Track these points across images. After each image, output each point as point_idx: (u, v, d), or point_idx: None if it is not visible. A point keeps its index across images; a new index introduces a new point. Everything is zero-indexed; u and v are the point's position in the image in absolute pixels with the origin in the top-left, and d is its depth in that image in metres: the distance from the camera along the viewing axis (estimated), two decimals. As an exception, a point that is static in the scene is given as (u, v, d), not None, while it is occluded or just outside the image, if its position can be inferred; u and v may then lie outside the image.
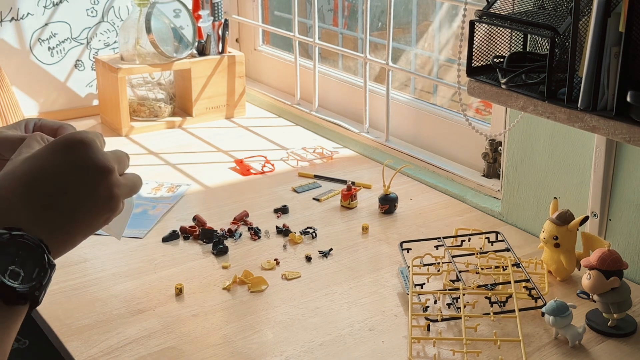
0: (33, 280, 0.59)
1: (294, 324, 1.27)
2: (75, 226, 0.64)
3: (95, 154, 0.64)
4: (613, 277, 1.22)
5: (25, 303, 0.59)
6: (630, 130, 1.09)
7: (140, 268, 1.45)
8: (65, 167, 0.63)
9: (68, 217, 0.63)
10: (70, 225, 0.63)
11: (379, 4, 2.71)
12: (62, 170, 0.63)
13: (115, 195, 0.65)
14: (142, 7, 2.16)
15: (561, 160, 1.53)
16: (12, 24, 2.20)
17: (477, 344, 1.20)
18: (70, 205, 0.63)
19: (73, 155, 0.63)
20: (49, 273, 0.60)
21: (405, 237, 1.55)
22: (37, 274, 0.59)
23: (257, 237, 1.57)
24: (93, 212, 0.64)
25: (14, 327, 0.60)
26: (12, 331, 0.60)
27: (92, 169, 0.64)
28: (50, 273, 0.61)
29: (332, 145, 2.11)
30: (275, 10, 2.83)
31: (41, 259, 0.60)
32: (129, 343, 1.22)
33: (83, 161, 0.64)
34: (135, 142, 2.14)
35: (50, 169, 0.63)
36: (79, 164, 0.63)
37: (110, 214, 0.66)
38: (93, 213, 0.64)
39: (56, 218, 0.62)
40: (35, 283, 0.59)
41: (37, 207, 0.61)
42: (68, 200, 0.63)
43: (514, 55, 1.34)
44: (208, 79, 2.27)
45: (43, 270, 0.60)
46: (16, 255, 0.59)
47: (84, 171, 0.63)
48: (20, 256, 0.59)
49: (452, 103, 2.68)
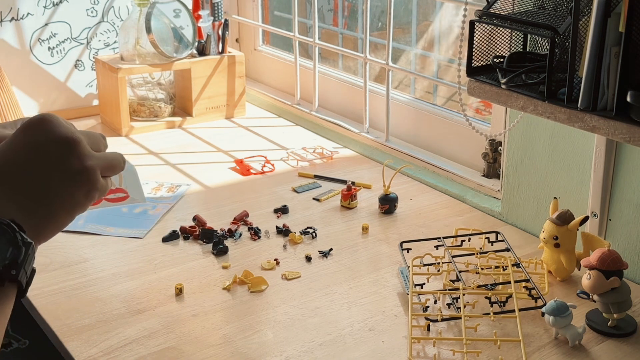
0: (7, 260, 0.58)
1: (294, 324, 1.27)
2: (52, 202, 0.63)
3: (57, 127, 0.64)
4: (613, 277, 1.22)
5: (3, 284, 0.59)
6: (630, 130, 1.09)
7: (140, 268, 1.45)
8: (30, 146, 0.63)
9: (41, 194, 0.63)
10: (45, 202, 0.63)
11: (379, 4, 2.71)
12: (27, 149, 0.63)
13: (89, 167, 0.65)
14: (142, 7, 2.16)
15: (561, 160, 1.53)
16: (12, 24, 2.20)
17: (477, 344, 1.20)
18: (41, 182, 0.63)
19: (36, 133, 0.64)
20: (25, 251, 0.60)
21: (405, 237, 1.55)
22: (10, 252, 0.59)
23: (257, 237, 1.57)
24: (67, 185, 0.64)
25: (1, 312, 0.59)
26: (1, 317, 0.59)
27: (55, 142, 0.64)
28: (27, 251, 0.60)
29: (332, 145, 2.11)
30: (275, 10, 2.83)
31: (13, 238, 0.59)
32: (129, 343, 1.22)
33: (45, 136, 0.64)
34: (135, 142, 2.14)
35: (19, 149, 0.63)
36: (42, 139, 0.63)
37: (91, 188, 0.65)
38: (67, 186, 0.64)
39: (29, 197, 0.62)
40: (9, 262, 0.59)
41: (8, 187, 0.61)
42: (39, 176, 0.63)
43: (514, 55, 1.34)
44: (208, 79, 2.27)
45: (17, 248, 0.59)
46: None
47: (47, 146, 0.63)
48: None
49: (450, 103, 2.68)
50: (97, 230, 1.58)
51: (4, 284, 0.59)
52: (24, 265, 0.60)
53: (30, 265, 0.61)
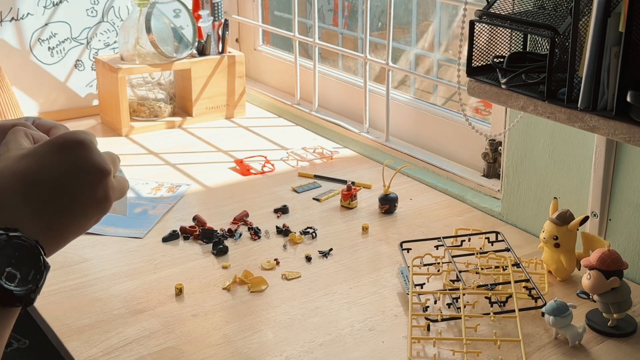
0: (29, 283, 0.59)
1: (294, 324, 1.27)
2: (70, 227, 0.64)
3: (94, 155, 0.64)
4: (613, 277, 1.22)
5: (21, 305, 0.59)
6: (630, 130, 1.09)
7: (140, 268, 1.45)
8: (66, 167, 0.63)
9: (64, 218, 0.63)
10: (65, 225, 0.63)
11: (379, 4, 2.71)
12: (63, 170, 0.63)
13: (109, 198, 0.66)
14: (142, 7, 2.16)
15: (561, 160, 1.53)
16: (12, 24, 2.20)
17: (477, 344, 1.20)
18: (68, 205, 0.63)
19: (73, 156, 0.63)
20: (44, 275, 0.60)
21: (405, 237, 1.55)
22: (32, 276, 0.59)
23: (257, 237, 1.57)
24: (87, 213, 0.64)
25: (9, 327, 0.60)
26: (7, 331, 0.60)
27: (91, 171, 0.64)
28: (45, 274, 0.60)
29: (332, 145, 2.11)
30: (275, 10, 2.83)
31: (37, 261, 0.59)
32: (129, 343, 1.22)
33: (83, 162, 0.63)
34: (135, 142, 2.14)
35: (50, 169, 0.62)
36: (79, 164, 0.63)
37: (101, 216, 0.66)
38: (87, 214, 0.64)
39: (53, 218, 0.62)
40: (32, 285, 0.59)
41: (36, 206, 0.61)
42: (66, 200, 0.62)
43: (514, 55, 1.34)
44: (208, 79, 2.27)
45: (39, 273, 0.59)
46: (13, 256, 0.58)
47: (84, 172, 0.63)
48: (17, 258, 0.58)
49: (450, 103, 2.68)
50: (97, 230, 1.58)
51: (22, 304, 0.59)
52: (41, 289, 0.61)
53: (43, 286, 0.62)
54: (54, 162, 0.63)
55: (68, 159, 0.63)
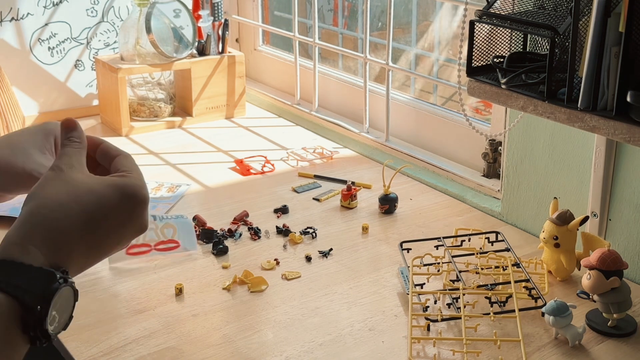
0: (63, 326, 0.61)
1: (294, 324, 1.27)
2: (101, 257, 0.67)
3: (146, 214, 0.67)
4: (613, 277, 1.22)
5: (49, 342, 0.60)
6: (630, 130, 1.09)
7: (140, 268, 1.45)
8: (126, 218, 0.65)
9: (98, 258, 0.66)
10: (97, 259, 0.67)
11: (379, 4, 2.71)
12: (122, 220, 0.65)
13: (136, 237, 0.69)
14: (142, 7, 2.16)
15: (561, 160, 1.53)
16: (12, 24, 2.20)
17: (477, 344, 1.20)
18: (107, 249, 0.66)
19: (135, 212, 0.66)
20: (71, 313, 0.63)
21: (405, 237, 1.55)
22: (66, 319, 0.62)
23: (257, 237, 1.57)
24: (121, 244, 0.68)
25: (22, 354, 0.61)
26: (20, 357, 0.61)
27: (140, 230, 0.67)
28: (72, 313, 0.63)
29: (332, 145, 2.11)
30: (275, 10, 2.83)
31: (73, 306, 0.62)
32: (129, 343, 1.22)
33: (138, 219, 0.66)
34: (135, 142, 2.14)
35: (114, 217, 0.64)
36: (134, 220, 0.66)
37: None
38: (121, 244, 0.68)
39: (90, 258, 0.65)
40: (64, 328, 0.61)
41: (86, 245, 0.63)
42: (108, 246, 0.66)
43: (514, 55, 1.34)
44: (208, 79, 2.27)
45: (71, 315, 0.62)
46: (59, 302, 0.60)
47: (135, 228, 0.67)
48: (61, 302, 0.61)
49: (450, 103, 2.68)
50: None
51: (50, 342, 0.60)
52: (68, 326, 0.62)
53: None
54: (118, 211, 0.65)
55: (129, 212, 0.65)
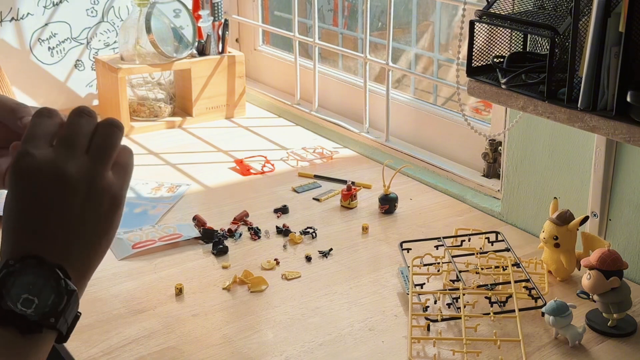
0: (47, 307, 0.59)
1: (294, 324, 1.27)
2: (92, 236, 0.63)
3: (121, 216, 0.65)
4: (613, 277, 1.22)
5: (41, 331, 0.58)
6: (630, 130, 1.09)
7: (140, 268, 1.45)
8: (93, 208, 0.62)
9: (79, 229, 0.62)
10: (83, 237, 0.63)
11: (379, 4, 2.71)
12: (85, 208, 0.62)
13: (121, 205, 0.65)
14: (142, 7, 2.16)
15: (561, 160, 1.53)
16: (12, 24, 2.20)
17: (477, 344, 1.20)
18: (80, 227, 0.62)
19: (110, 212, 0.63)
20: (67, 299, 0.59)
21: (405, 237, 1.55)
22: (52, 301, 0.59)
23: (257, 237, 1.57)
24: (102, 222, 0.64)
25: (37, 357, 0.59)
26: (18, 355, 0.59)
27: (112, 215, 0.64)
28: (69, 299, 0.60)
29: (332, 145, 2.11)
30: (275, 10, 2.83)
31: (57, 284, 0.59)
32: (129, 343, 1.22)
33: (114, 216, 0.64)
34: (135, 142, 2.14)
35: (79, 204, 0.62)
36: (109, 216, 0.64)
37: (119, 208, 0.65)
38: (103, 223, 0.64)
39: (77, 243, 0.62)
40: (49, 310, 0.59)
41: (61, 236, 0.61)
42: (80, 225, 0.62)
43: (514, 55, 1.34)
44: (208, 79, 2.27)
45: (59, 297, 0.59)
46: (31, 283, 0.58)
47: (110, 219, 0.64)
48: (35, 284, 0.58)
49: (450, 103, 2.68)
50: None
51: (41, 331, 0.59)
52: (65, 313, 0.60)
53: (72, 312, 0.61)
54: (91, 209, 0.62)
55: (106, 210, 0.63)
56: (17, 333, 0.58)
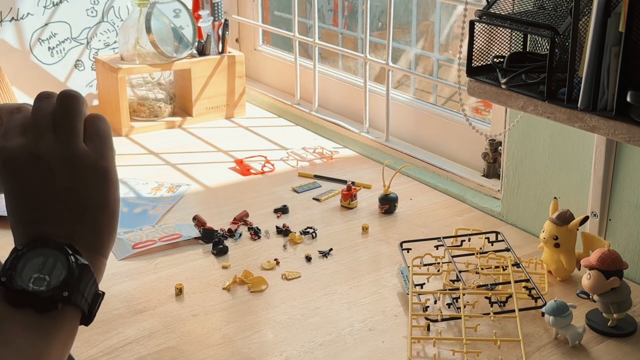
0: (58, 282, 0.59)
1: (294, 324, 1.27)
2: (97, 212, 0.63)
3: (117, 188, 0.64)
4: (613, 277, 1.22)
5: (57, 307, 0.58)
6: (630, 130, 1.09)
7: (140, 268, 1.45)
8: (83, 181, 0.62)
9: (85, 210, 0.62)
10: (90, 215, 0.62)
11: (379, 4, 2.71)
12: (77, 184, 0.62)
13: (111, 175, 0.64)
14: (142, 7, 2.16)
15: (561, 160, 1.53)
16: (12, 24, 2.20)
17: (477, 344, 1.20)
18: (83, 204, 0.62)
19: (99, 183, 0.63)
20: (78, 273, 0.59)
21: (405, 237, 1.55)
22: (63, 276, 0.59)
23: (257, 237, 1.57)
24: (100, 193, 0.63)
25: (59, 336, 0.59)
26: (57, 341, 0.59)
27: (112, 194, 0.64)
28: (81, 273, 0.60)
29: (332, 145, 2.11)
30: (275, 10, 2.83)
31: (66, 260, 0.59)
32: (129, 343, 1.22)
33: (105, 187, 0.63)
34: (135, 142, 2.14)
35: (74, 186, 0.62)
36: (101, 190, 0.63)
37: (113, 183, 0.64)
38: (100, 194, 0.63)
39: (80, 221, 0.62)
40: (60, 284, 0.59)
41: (66, 217, 0.61)
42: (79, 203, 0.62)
43: (514, 55, 1.34)
44: (208, 79, 2.27)
45: (69, 272, 0.59)
46: (42, 263, 0.59)
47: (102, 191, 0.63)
48: (44, 263, 0.59)
49: (450, 103, 2.68)
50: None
51: (57, 307, 0.59)
52: (79, 287, 0.60)
53: (91, 289, 0.61)
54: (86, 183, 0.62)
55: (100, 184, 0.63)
56: (35, 313, 0.58)
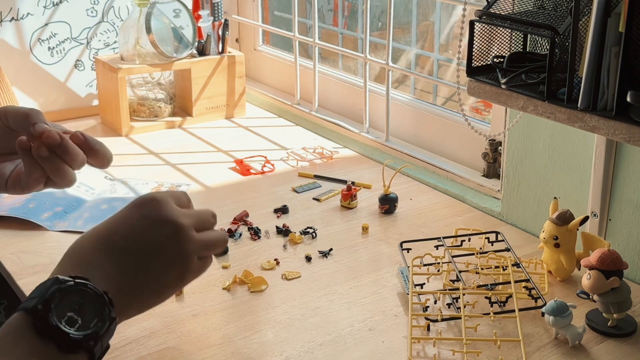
0: (89, 329, 0.59)
1: (294, 324, 1.27)
2: (144, 281, 0.65)
3: (165, 209, 0.67)
4: (613, 277, 1.22)
5: (78, 352, 0.59)
6: (630, 130, 1.09)
7: (140, 268, 1.45)
8: (139, 222, 0.66)
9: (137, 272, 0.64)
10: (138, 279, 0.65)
11: (379, 4, 2.71)
12: (136, 225, 0.65)
13: (186, 251, 0.67)
14: (142, 7, 2.16)
15: (561, 160, 1.53)
16: (12, 24, 2.20)
17: (477, 344, 1.20)
18: (141, 260, 0.65)
19: (146, 209, 0.66)
20: (108, 325, 0.61)
21: (405, 237, 1.55)
22: (94, 323, 0.60)
23: (257, 237, 1.57)
24: (161, 265, 0.66)
25: None
26: None
27: (161, 223, 0.66)
28: (110, 325, 0.61)
29: (332, 145, 2.11)
30: (275, 10, 2.83)
31: (101, 309, 0.60)
32: (129, 343, 1.22)
33: (156, 215, 0.67)
34: (135, 142, 2.14)
35: (126, 225, 0.65)
36: (150, 218, 0.66)
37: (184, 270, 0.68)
38: (161, 267, 0.66)
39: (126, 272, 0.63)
40: (91, 332, 0.59)
41: (111, 258, 0.62)
42: (139, 255, 0.65)
43: (514, 55, 1.34)
44: (208, 79, 2.27)
45: (101, 321, 0.60)
46: (77, 303, 0.59)
47: (154, 226, 0.66)
48: (81, 304, 0.60)
49: (450, 103, 2.68)
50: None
51: (79, 351, 0.59)
52: (103, 339, 0.61)
53: (107, 340, 0.62)
54: (129, 218, 0.66)
55: (142, 212, 0.66)
56: (55, 349, 0.58)
